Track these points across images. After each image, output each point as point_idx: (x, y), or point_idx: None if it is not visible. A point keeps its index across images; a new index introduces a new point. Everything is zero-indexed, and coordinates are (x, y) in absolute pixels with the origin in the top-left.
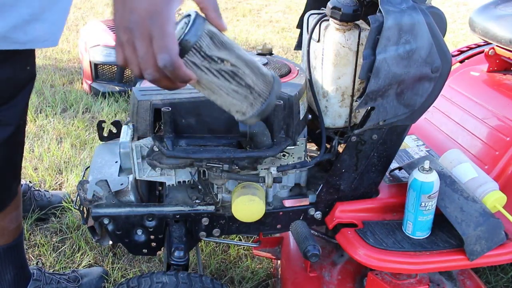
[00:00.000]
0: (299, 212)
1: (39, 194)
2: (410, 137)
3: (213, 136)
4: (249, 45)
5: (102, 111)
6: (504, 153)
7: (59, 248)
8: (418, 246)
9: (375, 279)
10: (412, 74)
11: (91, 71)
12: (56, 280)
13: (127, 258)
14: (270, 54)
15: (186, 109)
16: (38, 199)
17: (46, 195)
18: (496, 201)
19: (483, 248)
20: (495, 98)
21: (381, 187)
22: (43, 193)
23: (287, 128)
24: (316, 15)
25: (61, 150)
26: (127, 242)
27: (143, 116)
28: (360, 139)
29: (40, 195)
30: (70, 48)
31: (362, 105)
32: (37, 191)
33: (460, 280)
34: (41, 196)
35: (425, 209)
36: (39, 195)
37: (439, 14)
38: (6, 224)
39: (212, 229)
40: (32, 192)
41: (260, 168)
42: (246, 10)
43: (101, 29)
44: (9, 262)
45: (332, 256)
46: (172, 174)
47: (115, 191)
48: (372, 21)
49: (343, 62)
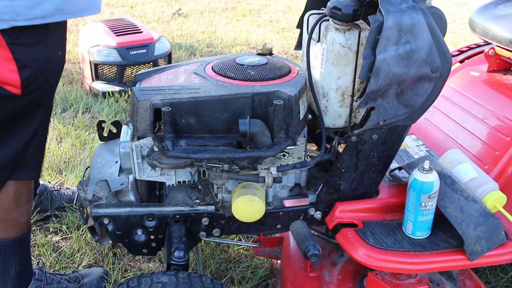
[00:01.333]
0: (299, 212)
1: (58, 193)
2: (410, 137)
3: (213, 136)
4: (249, 45)
5: (102, 111)
6: (504, 153)
7: (59, 248)
8: (418, 246)
9: (375, 279)
10: (412, 74)
11: (91, 71)
12: (57, 280)
13: (127, 258)
14: (270, 54)
15: (186, 109)
16: (57, 198)
17: (67, 193)
18: (496, 201)
19: (483, 248)
20: (495, 98)
21: (381, 187)
22: (63, 192)
23: (287, 128)
24: (316, 15)
25: (61, 150)
26: (127, 242)
27: (143, 116)
28: (360, 139)
29: (59, 194)
30: (70, 48)
31: (362, 105)
32: (56, 191)
33: (460, 280)
34: (60, 195)
35: (425, 209)
36: (58, 194)
37: (439, 14)
38: (18, 216)
39: (212, 229)
40: (51, 193)
41: (260, 168)
42: (246, 10)
43: (101, 29)
44: (15, 256)
45: (332, 256)
46: (172, 174)
47: (115, 191)
48: (372, 21)
49: (343, 62)
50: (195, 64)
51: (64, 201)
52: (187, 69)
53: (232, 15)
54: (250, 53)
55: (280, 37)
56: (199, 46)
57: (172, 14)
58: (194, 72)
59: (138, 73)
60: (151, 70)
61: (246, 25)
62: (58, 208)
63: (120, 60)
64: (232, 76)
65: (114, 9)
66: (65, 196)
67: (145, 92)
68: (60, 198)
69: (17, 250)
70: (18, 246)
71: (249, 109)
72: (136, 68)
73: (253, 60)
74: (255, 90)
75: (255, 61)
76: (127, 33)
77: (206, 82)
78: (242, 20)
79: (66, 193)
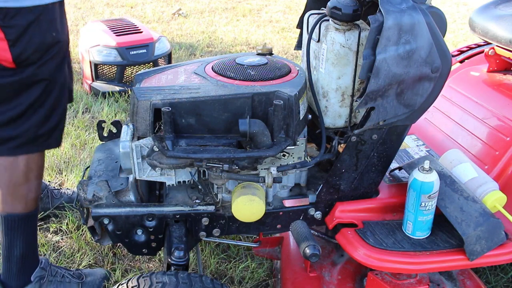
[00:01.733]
0: (299, 212)
1: (58, 192)
2: (410, 137)
3: (213, 136)
4: (249, 45)
5: (102, 111)
6: (504, 153)
7: (59, 248)
8: (418, 246)
9: (375, 279)
10: (412, 74)
11: (91, 71)
12: (61, 274)
13: (127, 258)
14: (270, 54)
15: (186, 109)
16: (57, 197)
17: (67, 193)
18: (496, 201)
19: (483, 248)
20: (495, 98)
21: (381, 187)
22: (63, 191)
23: (287, 128)
24: (316, 15)
25: (61, 150)
26: (127, 242)
27: (143, 116)
28: (360, 139)
29: (59, 193)
30: (70, 48)
31: (362, 105)
32: (57, 190)
33: (460, 280)
34: (60, 194)
35: (425, 209)
36: (58, 193)
37: (439, 14)
38: (26, 191)
39: (212, 229)
40: (51, 191)
41: (260, 168)
42: (246, 10)
43: (101, 29)
44: (21, 233)
45: (332, 256)
46: (172, 174)
47: (115, 191)
48: (372, 21)
49: (343, 62)
50: (195, 64)
51: (64, 201)
52: (187, 69)
53: (232, 15)
54: (250, 53)
55: (280, 37)
56: (199, 46)
57: (172, 14)
58: (194, 72)
59: (138, 73)
60: (151, 70)
61: (246, 25)
62: (58, 207)
63: (120, 60)
64: (232, 76)
65: (114, 9)
66: (66, 195)
67: (145, 92)
68: (60, 197)
69: (24, 227)
70: (25, 223)
71: (249, 109)
72: (136, 68)
73: (253, 60)
74: (255, 90)
75: (255, 61)
76: (127, 33)
77: (206, 82)
78: (242, 20)
79: (66, 192)
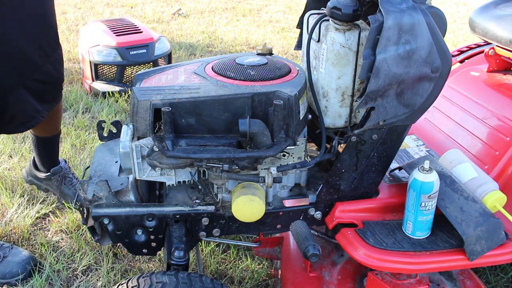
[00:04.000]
0: (299, 212)
1: (70, 182)
2: (410, 137)
3: (213, 136)
4: (249, 45)
5: (102, 111)
6: (504, 153)
7: (59, 248)
8: (418, 246)
9: (375, 279)
10: (412, 74)
11: (91, 71)
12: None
13: (127, 258)
14: (270, 54)
15: (186, 109)
16: (66, 185)
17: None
18: (496, 201)
19: (483, 248)
20: (495, 98)
21: (381, 187)
22: (75, 182)
23: (287, 128)
24: (316, 15)
25: (61, 150)
26: (127, 242)
27: (143, 116)
28: (360, 139)
29: (71, 183)
30: (70, 48)
31: (362, 105)
32: (69, 179)
33: (460, 280)
34: (71, 184)
35: (425, 209)
36: (69, 182)
37: (439, 14)
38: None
39: (212, 229)
40: (63, 177)
41: (260, 168)
42: (246, 10)
43: (101, 29)
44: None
45: (332, 256)
46: (172, 174)
47: (115, 191)
48: (372, 21)
49: (343, 62)
50: (195, 64)
51: (71, 193)
52: (187, 69)
53: (232, 15)
54: (250, 53)
55: (280, 37)
56: (199, 46)
57: (172, 14)
58: (194, 72)
59: (138, 73)
60: (151, 70)
61: (246, 25)
62: (62, 193)
63: (120, 60)
64: (232, 76)
65: (114, 9)
66: (73, 189)
67: (145, 92)
68: (71, 186)
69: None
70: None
71: (249, 109)
72: (136, 68)
73: (253, 60)
74: (255, 90)
75: (255, 61)
76: (127, 33)
77: (206, 82)
78: (242, 20)
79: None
